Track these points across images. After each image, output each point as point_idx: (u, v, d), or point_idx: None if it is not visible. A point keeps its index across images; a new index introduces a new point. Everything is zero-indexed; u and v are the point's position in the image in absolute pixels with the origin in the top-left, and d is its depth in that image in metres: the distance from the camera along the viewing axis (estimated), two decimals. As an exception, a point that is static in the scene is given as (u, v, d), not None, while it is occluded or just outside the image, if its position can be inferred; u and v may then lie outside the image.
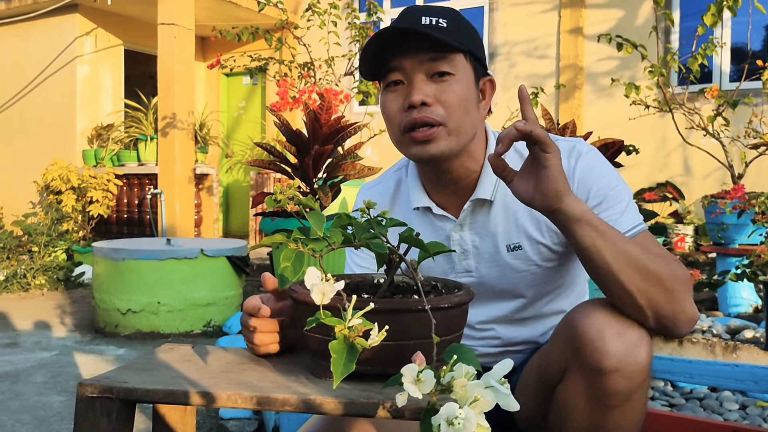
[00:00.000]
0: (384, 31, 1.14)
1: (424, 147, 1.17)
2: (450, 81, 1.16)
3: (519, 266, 1.25)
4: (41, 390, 2.95)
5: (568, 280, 1.30)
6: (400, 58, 1.16)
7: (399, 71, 1.17)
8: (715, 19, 3.84)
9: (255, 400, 0.88)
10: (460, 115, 1.16)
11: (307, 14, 5.00)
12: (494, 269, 1.27)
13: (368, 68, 1.21)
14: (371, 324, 0.77)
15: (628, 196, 1.17)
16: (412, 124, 1.16)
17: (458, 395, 0.70)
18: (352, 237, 0.92)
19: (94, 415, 0.92)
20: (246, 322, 1.06)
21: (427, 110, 1.15)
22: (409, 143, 1.19)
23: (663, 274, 1.00)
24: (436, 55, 1.15)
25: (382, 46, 1.16)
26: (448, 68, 1.15)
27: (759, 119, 4.67)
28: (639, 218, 1.15)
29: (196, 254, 4.07)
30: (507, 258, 1.25)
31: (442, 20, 1.15)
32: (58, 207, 6.82)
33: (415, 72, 1.16)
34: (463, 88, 1.17)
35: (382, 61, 1.18)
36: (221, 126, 8.54)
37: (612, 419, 1.01)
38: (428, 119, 1.15)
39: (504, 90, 6.77)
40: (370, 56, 1.18)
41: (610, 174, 1.19)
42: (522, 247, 1.24)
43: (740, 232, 4.04)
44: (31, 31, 7.74)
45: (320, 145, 2.54)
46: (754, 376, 1.62)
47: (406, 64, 1.16)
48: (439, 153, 1.17)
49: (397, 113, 1.18)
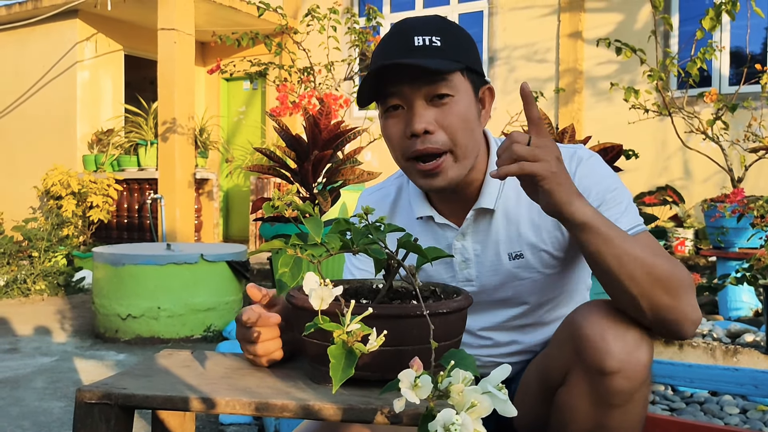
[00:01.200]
0: (379, 66, 1.13)
1: (433, 180, 1.17)
2: (450, 103, 1.14)
3: (521, 274, 1.25)
4: (41, 396, 2.95)
5: (570, 287, 1.30)
6: (397, 84, 1.14)
7: (397, 96, 1.15)
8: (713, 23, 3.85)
9: (254, 406, 0.88)
10: (464, 137, 1.15)
11: (306, 19, 5.01)
12: (496, 277, 1.27)
13: (365, 98, 1.19)
14: (370, 329, 0.77)
15: (627, 199, 1.17)
16: (417, 154, 1.15)
17: (455, 401, 0.70)
18: (351, 242, 0.93)
19: (92, 422, 0.92)
20: (246, 334, 1.04)
21: (430, 139, 1.13)
22: (415, 173, 1.18)
23: (666, 276, 1.00)
24: (433, 79, 1.13)
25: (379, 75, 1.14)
26: (447, 90, 1.13)
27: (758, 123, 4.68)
28: (639, 220, 1.15)
29: (196, 259, 4.07)
30: (509, 266, 1.25)
31: (435, 38, 1.13)
32: (58, 212, 6.83)
33: (415, 97, 1.14)
34: (465, 108, 1.15)
35: (379, 86, 1.16)
36: (221, 131, 8.55)
37: (614, 419, 1.02)
38: (433, 149, 1.13)
39: (504, 94, 6.78)
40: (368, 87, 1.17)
41: (610, 178, 1.19)
42: (523, 255, 1.24)
43: (740, 235, 4.04)
44: (31, 37, 7.76)
45: (320, 150, 2.55)
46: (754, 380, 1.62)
47: (404, 90, 1.14)
48: (448, 183, 1.17)
49: (399, 139, 1.17)
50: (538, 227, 1.23)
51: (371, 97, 1.19)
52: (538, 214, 1.23)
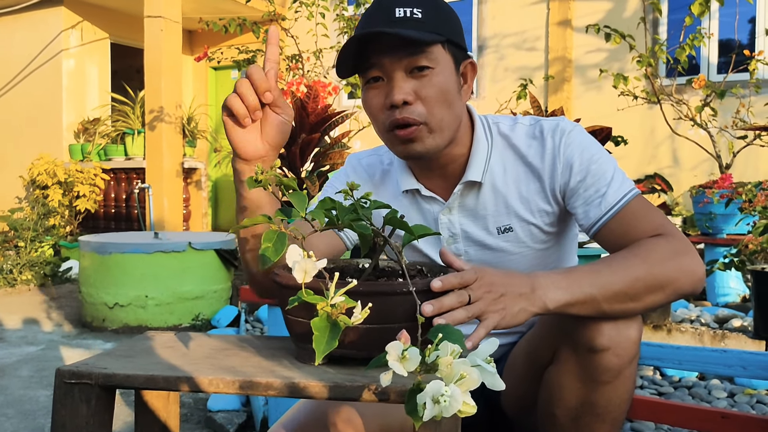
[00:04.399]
0: (358, 35, 1.12)
1: (408, 146, 1.16)
2: (430, 75, 1.14)
3: (510, 249, 1.24)
4: (27, 384, 2.92)
5: (560, 264, 1.29)
6: (378, 55, 1.14)
7: (378, 68, 1.15)
8: (702, 8, 3.85)
9: (238, 384, 0.87)
10: (441, 110, 1.15)
11: (294, 6, 4.97)
12: (484, 252, 1.25)
13: (346, 68, 1.18)
14: (354, 302, 0.75)
15: (612, 167, 1.15)
16: (395, 123, 1.15)
17: (444, 373, 0.68)
18: (336, 219, 0.91)
19: (72, 402, 0.90)
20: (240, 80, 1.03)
21: (408, 109, 1.13)
22: (394, 141, 1.18)
23: (656, 278, 1.01)
24: (413, 50, 1.12)
25: (359, 45, 1.14)
26: (426, 62, 1.13)
27: (746, 110, 4.69)
28: (627, 186, 1.14)
29: (184, 247, 4.04)
30: (497, 240, 1.24)
31: (417, 10, 1.12)
32: (44, 202, 6.76)
33: (394, 69, 1.13)
34: (444, 80, 1.15)
35: (360, 59, 1.16)
36: (209, 120, 8.49)
37: (603, 396, 1.02)
38: (409, 119, 1.13)
39: (493, 82, 6.77)
40: (348, 58, 1.16)
41: (592, 147, 1.18)
42: (513, 228, 1.23)
43: (728, 221, 4.06)
44: (15, 25, 7.65)
45: (307, 133, 2.52)
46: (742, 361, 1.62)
47: (384, 62, 1.14)
48: (425, 151, 1.16)
49: (379, 111, 1.17)
50: (527, 200, 1.22)
51: (352, 70, 1.19)
52: (525, 187, 1.22)
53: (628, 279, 1.00)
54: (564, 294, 0.97)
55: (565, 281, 0.99)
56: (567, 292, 0.98)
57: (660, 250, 1.03)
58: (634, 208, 1.11)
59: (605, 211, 1.12)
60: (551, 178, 1.18)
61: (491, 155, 1.23)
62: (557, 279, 0.99)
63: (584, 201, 1.15)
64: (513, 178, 1.22)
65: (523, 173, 1.22)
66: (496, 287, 0.95)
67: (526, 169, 1.21)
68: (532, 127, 1.23)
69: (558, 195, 1.19)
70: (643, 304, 1.01)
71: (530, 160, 1.21)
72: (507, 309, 0.95)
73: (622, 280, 0.99)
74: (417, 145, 1.15)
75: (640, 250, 1.04)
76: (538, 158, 1.20)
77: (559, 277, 0.99)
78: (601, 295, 0.98)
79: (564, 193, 1.19)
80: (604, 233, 1.12)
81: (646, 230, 1.08)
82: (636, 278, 1.00)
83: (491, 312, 0.94)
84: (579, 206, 1.16)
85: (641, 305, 1.01)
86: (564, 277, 0.99)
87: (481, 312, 0.93)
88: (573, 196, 1.17)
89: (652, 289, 1.00)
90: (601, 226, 1.12)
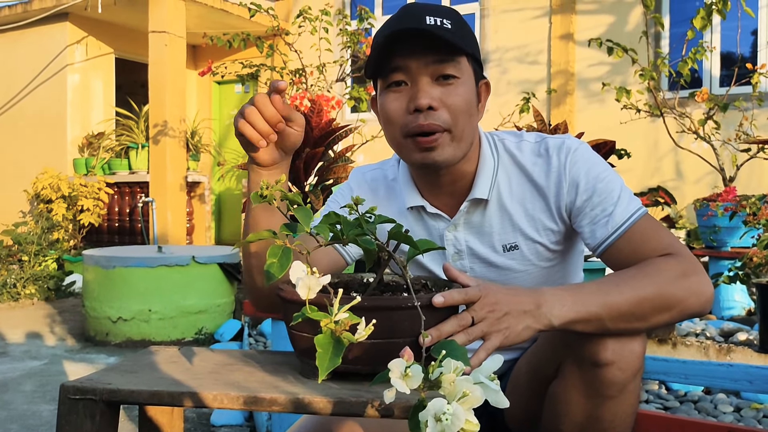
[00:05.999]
0: (394, 29, 1.10)
1: (429, 154, 1.14)
2: (456, 84, 1.13)
3: (515, 266, 1.23)
4: (30, 399, 2.91)
5: (565, 281, 1.29)
6: (406, 58, 1.12)
7: (403, 71, 1.13)
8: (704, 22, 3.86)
9: (242, 400, 0.86)
10: (464, 120, 1.14)
11: (298, 20, 4.99)
12: (490, 270, 1.25)
13: (374, 67, 1.17)
14: (358, 318, 0.75)
15: (619, 186, 1.15)
16: (418, 130, 1.13)
17: (447, 391, 0.68)
18: (340, 233, 0.91)
19: (77, 418, 0.90)
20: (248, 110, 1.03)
21: (433, 115, 1.12)
22: (412, 148, 1.16)
23: (664, 298, 1.00)
24: (443, 58, 1.12)
25: (388, 44, 1.12)
26: (453, 71, 1.13)
27: (749, 122, 4.69)
28: (634, 205, 1.13)
29: (188, 261, 4.04)
30: (503, 258, 1.23)
31: (446, 21, 1.12)
32: (48, 216, 6.77)
33: (421, 74, 1.12)
34: (468, 92, 1.15)
35: (384, 60, 1.14)
36: (213, 134, 8.52)
37: (609, 410, 1.01)
38: (435, 126, 1.12)
39: (496, 96, 6.78)
40: (377, 55, 1.14)
41: (599, 165, 1.17)
42: (518, 246, 1.22)
43: (732, 234, 4.04)
44: (21, 40, 7.71)
45: (311, 148, 2.53)
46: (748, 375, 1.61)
47: (411, 65, 1.12)
48: (444, 160, 1.15)
49: (400, 115, 1.15)
50: (533, 219, 1.21)
51: (375, 71, 1.17)
52: (531, 205, 1.21)
53: (635, 299, 0.99)
54: (569, 311, 0.97)
55: (571, 298, 0.98)
56: (572, 310, 0.97)
57: (669, 270, 1.02)
58: (642, 228, 1.10)
59: (612, 231, 1.11)
60: (557, 197, 1.18)
61: (497, 172, 1.23)
62: (563, 296, 0.98)
63: (591, 220, 1.14)
64: (519, 196, 1.22)
65: (528, 191, 1.21)
66: (499, 306, 0.94)
67: (532, 187, 1.20)
68: (537, 144, 1.22)
69: (564, 214, 1.19)
70: (648, 323, 1.00)
71: (535, 178, 1.20)
72: (511, 328, 0.94)
73: (629, 301, 0.99)
74: (436, 153, 1.14)
75: (649, 269, 1.03)
76: (543, 176, 1.19)
77: (565, 294, 0.98)
78: (606, 315, 0.98)
79: (570, 211, 1.18)
80: (612, 253, 1.12)
81: (655, 249, 1.07)
82: (643, 298, 0.99)
83: (494, 332, 0.93)
84: (585, 225, 1.15)
85: (647, 325, 1.00)
86: (570, 294, 0.98)
87: (483, 334, 0.92)
88: (579, 215, 1.16)
89: (659, 309, 1.00)
90: (609, 245, 1.11)
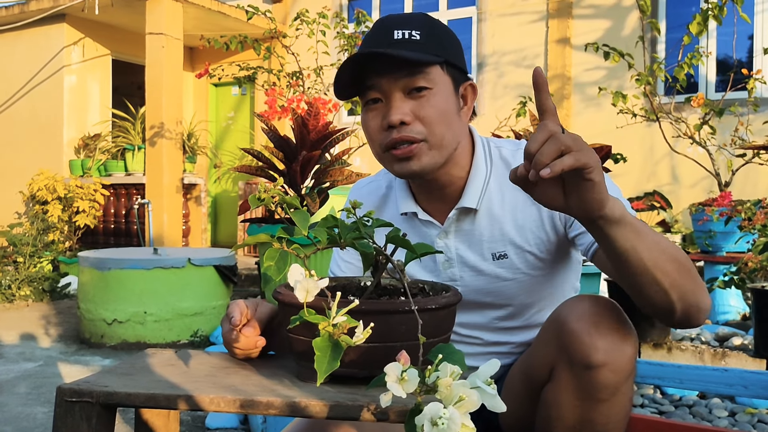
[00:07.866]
0: (355, 56, 1.14)
1: (405, 164, 1.16)
2: (428, 96, 1.15)
3: (504, 275, 1.24)
4: (24, 401, 2.90)
5: (557, 290, 1.29)
6: (376, 77, 1.15)
7: (376, 90, 1.16)
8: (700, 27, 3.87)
9: (239, 403, 0.87)
10: (441, 129, 1.16)
11: (295, 23, 5.00)
12: (479, 278, 1.26)
13: (342, 89, 1.19)
14: (356, 321, 0.75)
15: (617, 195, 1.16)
16: (392, 143, 1.15)
17: (443, 395, 0.68)
18: (338, 237, 0.91)
19: (73, 420, 0.89)
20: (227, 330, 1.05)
21: (406, 129, 1.14)
22: (391, 160, 1.18)
23: (689, 265, 0.98)
24: (410, 71, 1.14)
25: (357, 67, 1.15)
26: (424, 83, 1.14)
27: (745, 128, 4.70)
28: None
29: (184, 263, 4.03)
30: (492, 266, 1.24)
31: (415, 32, 1.14)
32: (44, 217, 6.76)
33: (392, 90, 1.15)
34: (442, 101, 1.16)
35: (359, 80, 1.17)
36: (210, 136, 8.51)
37: (601, 413, 1.02)
38: (408, 137, 1.14)
39: (493, 99, 6.80)
40: (344, 79, 1.17)
41: None
42: (507, 255, 1.23)
43: (727, 239, 4.05)
44: (18, 41, 7.70)
45: (308, 150, 2.53)
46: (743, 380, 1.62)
47: (382, 83, 1.15)
48: (421, 168, 1.17)
49: (377, 132, 1.18)
50: (522, 228, 1.22)
51: (352, 92, 1.20)
52: (521, 214, 1.23)
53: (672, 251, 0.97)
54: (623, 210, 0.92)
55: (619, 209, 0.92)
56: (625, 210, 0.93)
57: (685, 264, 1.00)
58: None
59: None
60: None
61: (489, 181, 1.24)
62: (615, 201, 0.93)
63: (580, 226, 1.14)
64: (510, 205, 1.23)
65: (521, 200, 1.22)
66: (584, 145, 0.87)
67: (525, 196, 1.21)
68: None
69: (558, 223, 1.20)
70: (679, 277, 0.96)
71: None
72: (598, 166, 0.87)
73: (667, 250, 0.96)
74: (413, 163, 1.16)
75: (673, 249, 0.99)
76: None
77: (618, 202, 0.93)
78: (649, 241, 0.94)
79: (564, 220, 1.20)
80: (600, 255, 1.11)
81: None
82: (675, 258, 0.97)
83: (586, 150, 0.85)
84: (576, 230, 1.17)
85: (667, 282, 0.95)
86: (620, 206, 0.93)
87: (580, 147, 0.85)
88: (573, 223, 1.18)
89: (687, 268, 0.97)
90: (598, 247, 1.12)
